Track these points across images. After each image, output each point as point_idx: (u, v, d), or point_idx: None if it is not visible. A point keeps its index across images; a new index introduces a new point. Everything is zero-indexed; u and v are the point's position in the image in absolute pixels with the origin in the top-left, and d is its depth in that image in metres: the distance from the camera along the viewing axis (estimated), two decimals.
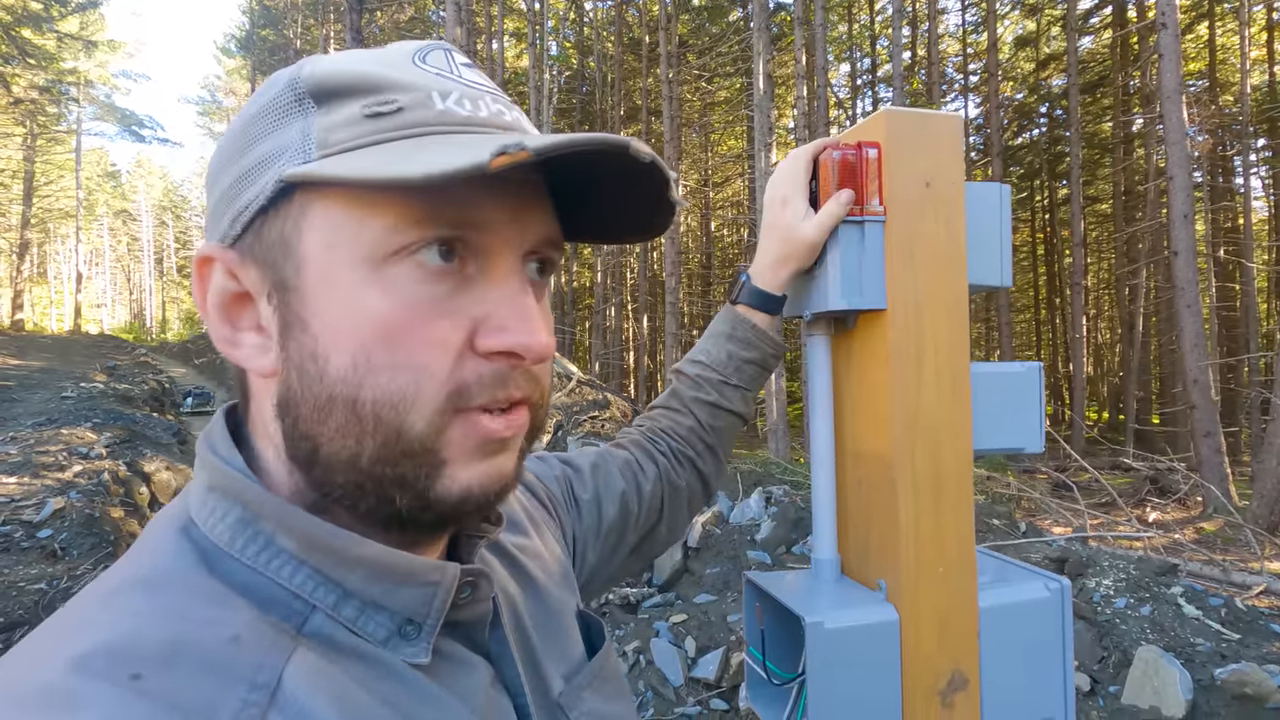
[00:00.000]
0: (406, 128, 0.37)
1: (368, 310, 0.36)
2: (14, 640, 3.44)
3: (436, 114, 0.38)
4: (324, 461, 0.38)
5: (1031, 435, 0.79)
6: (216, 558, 0.37)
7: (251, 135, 0.39)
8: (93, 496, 5.69)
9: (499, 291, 0.39)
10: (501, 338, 0.38)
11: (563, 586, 0.59)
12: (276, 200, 0.37)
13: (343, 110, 0.37)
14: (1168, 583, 3.26)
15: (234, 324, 0.40)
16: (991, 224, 0.77)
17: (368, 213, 0.36)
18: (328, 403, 0.37)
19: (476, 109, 0.39)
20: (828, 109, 13.92)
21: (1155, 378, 19.13)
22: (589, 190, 0.44)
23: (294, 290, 0.37)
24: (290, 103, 0.38)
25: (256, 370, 0.40)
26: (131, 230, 53.91)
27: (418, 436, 0.37)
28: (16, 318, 27.47)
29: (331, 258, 0.37)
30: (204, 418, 13.62)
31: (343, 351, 0.36)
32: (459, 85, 0.40)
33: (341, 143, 0.36)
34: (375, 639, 0.39)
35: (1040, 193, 24.50)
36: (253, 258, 0.39)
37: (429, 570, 0.40)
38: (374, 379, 0.36)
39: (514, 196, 0.39)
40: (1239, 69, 15.89)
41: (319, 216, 0.37)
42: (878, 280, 0.71)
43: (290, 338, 0.38)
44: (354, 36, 11.29)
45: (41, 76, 23.89)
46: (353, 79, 0.38)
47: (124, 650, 0.31)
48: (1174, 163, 9.16)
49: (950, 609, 0.71)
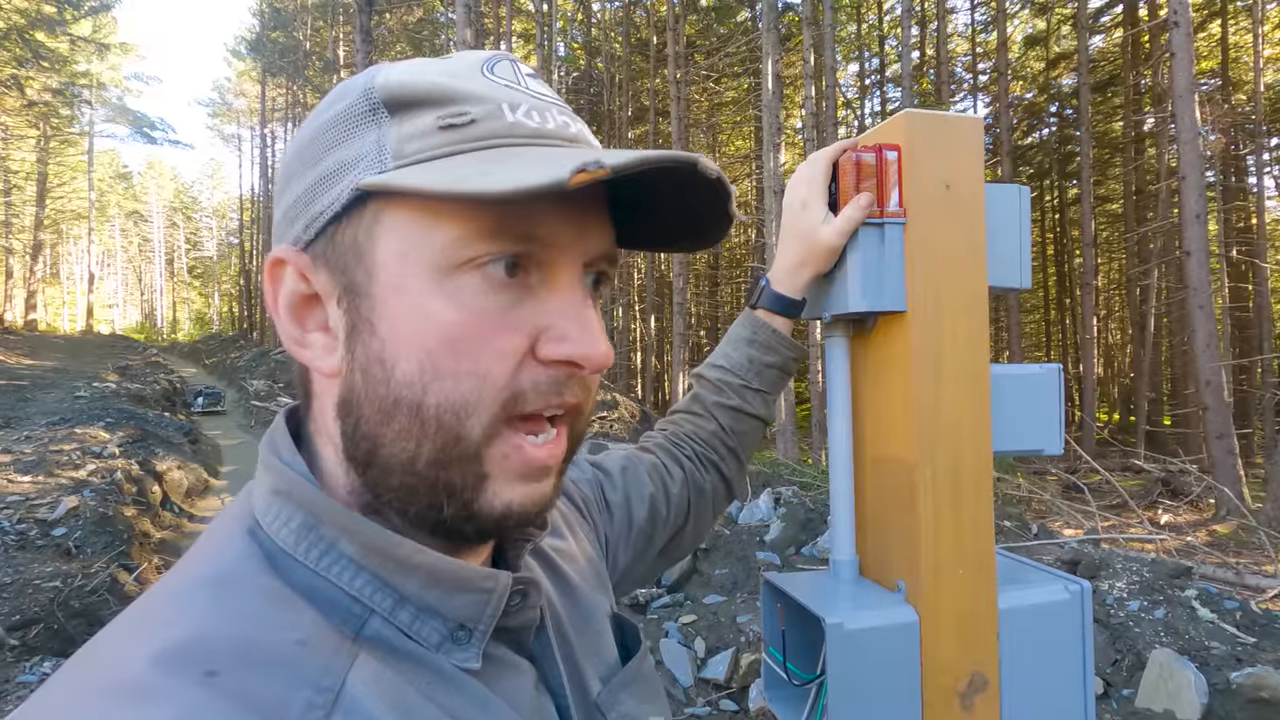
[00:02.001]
0: (479, 139, 0.38)
1: (435, 318, 0.37)
2: (29, 638, 3.48)
3: (507, 126, 0.39)
4: (382, 463, 0.39)
5: (1051, 437, 0.78)
6: (281, 560, 0.38)
7: (325, 143, 0.40)
8: (106, 495, 5.74)
9: (561, 302, 0.40)
10: (563, 347, 0.39)
11: (597, 589, 0.60)
12: (351, 207, 0.39)
13: (417, 121, 0.38)
14: (1181, 585, 3.24)
15: (303, 324, 0.41)
16: (1011, 225, 0.77)
17: (439, 223, 0.37)
18: (393, 406, 0.38)
19: (544, 121, 0.40)
20: (836, 109, 13.89)
21: (1166, 379, 18.98)
22: (647, 200, 0.45)
23: (364, 295, 0.39)
24: (365, 112, 0.39)
25: (321, 370, 0.41)
26: (143, 231, 54.34)
27: (473, 441, 0.38)
28: (30, 318, 27.75)
29: (402, 266, 0.38)
30: (214, 417, 13.71)
31: (410, 356, 0.37)
32: (527, 97, 0.41)
33: (416, 154, 0.37)
34: (429, 643, 0.40)
35: (1050, 193, 24.35)
36: (325, 261, 0.40)
37: (483, 578, 0.41)
38: (439, 384, 0.37)
39: (579, 211, 0.40)
40: (1252, 67, 15.75)
41: (392, 225, 0.38)
42: (897, 282, 0.72)
43: (357, 340, 0.39)
44: (364, 38, 11.35)
45: (55, 79, 24.13)
46: (426, 90, 0.39)
47: (199, 647, 0.32)
48: (1186, 162, 9.09)
49: (970, 610, 0.71)
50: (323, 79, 25.30)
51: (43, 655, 3.32)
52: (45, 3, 21.74)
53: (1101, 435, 14.81)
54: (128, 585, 4.42)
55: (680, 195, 0.43)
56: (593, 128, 16.34)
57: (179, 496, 7.32)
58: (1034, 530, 5.05)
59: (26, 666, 3.16)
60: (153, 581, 4.90)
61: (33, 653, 3.37)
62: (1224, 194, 16.95)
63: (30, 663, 3.20)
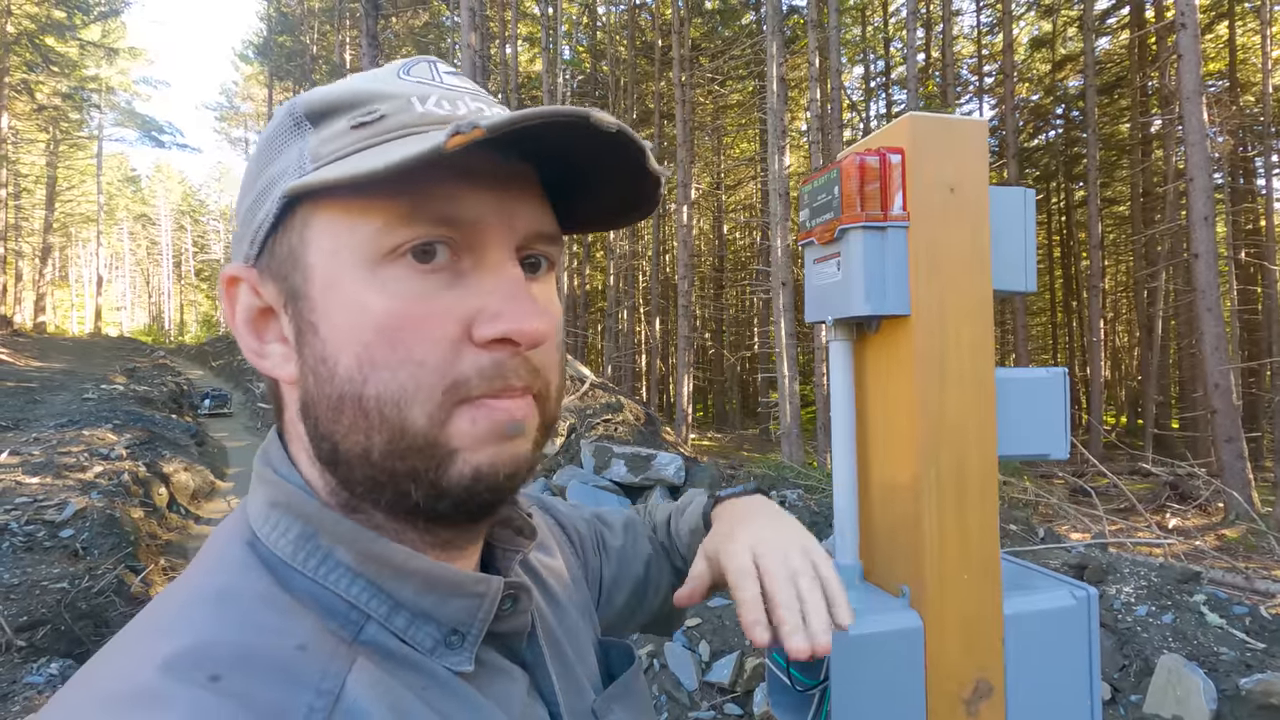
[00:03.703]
0: (389, 132, 0.38)
1: (367, 309, 0.38)
2: (37, 639, 3.50)
3: (417, 116, 0.39)
4: (343, 459, 0.39)
5: (1056, 441, 0.78)
6: (281, 570, 0.39)
7: (261, 163, 0.42)
8: (113, 497, 5.77)
9: (492, 282, 0.39)
10: (495, 325, 0.38)
11: (583, 613, 0.61)
12: (283, 216, 0.40)
13: (333, 125, 0.40)
14: (1190, 590, 3.21)
15: (261, 337, 0.43)
16: (1016, 229, 0.77)
17: (361, 216, 0.38)
18: (338, 402, 0.38)
19: (455, 108, 0.41)
20: (841, 112, 13.88)
21: (1174, 382, 18.87)
22: (579, 179, 0.45)
23: (304, 298, 0.40)
24: (290, 127, 0.41)
25: (283, 378, 0.42)
26: (151, 234, 54.65)
27: (420, 431, 0.38)
28: (39, 320, 27.93)
29: (332, 263, 0.39)
30: (221, 419, 13.76)
31: (348, 351, 0.38)
32: (437, 89, 0.41)
33: (330, 154, 0.39)
34: (423, 648, 0.41)
35: (1057, 195, 24.25)
36: (270, 273, 0.41)
37: (475, 583, 0.42)
38: (376, 376, 0.38)
39: (499, 188, 0.40)
40: (1260, 69, 15.65)
41: (319, 225, 0.39)
42: (901, 286, 0.71)
43: (305, 344, 0.40)
44: (370, 42, 11.40)
45: (64, 83, 24.32)
46: (340, 97, 0.40)
47: (203, 654, 0.33)
48: (1194, 164, 9.04)
49: (975, 616, 0.70)
50: (329, 83, 25.44)
51: (50, 656, 3.33)
52: (55, 8, 21.92)
53: (1109, 438, 14.73)
54: (134, 587, 4.44)
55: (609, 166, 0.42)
56: None
57: (185, 498, 7.36)
58: (1040, 534, 5.02)
59: (34, 667, 3.18)
60: (159, 583, 4.92)
61: (40, 654, 3.38)
62: (1232, 196, 16.85)
63: (37, 664, 3.22)
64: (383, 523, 0.41)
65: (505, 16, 19.75)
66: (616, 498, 5.85)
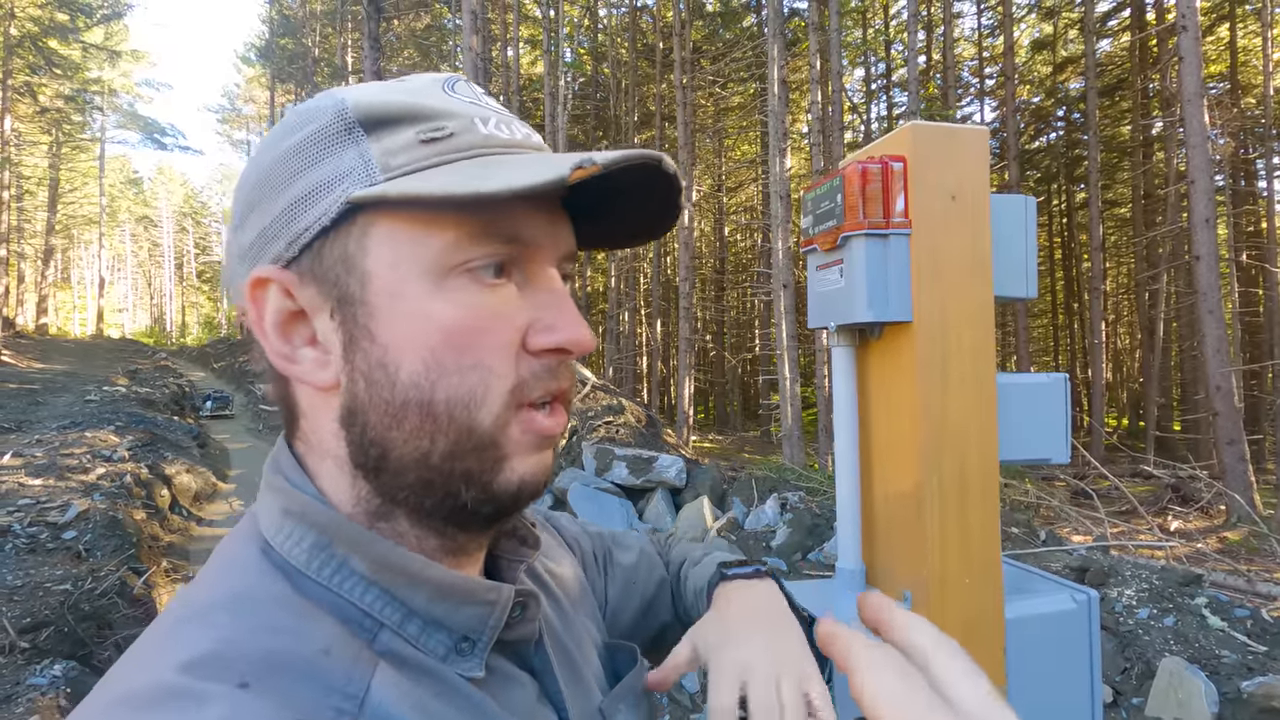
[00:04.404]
0: (459, 151, 0.40)
1: (436, 318, 0.39)
2: (40, 641, 3.50)
3: (482, 138, 0.41)
4: (394, 465, 0.40)
5: (1057, 445, 0.79)
6: (296, 578, 0.40)
7: (297, 165, 0.40)
8: (116, 499, 5.78)
9: (545, 296, 0.43)
10: (552, 336, 0.42)
11: (589, 618, 0.62)
12: (339, 221, 0.40)
13: (397, 137, 0.40)
14: (1191, 593, 3.21)
15: (291, 341, 0.42)
16: (1017, 236, 0.78)
17: (430, 230, 0.39)
18: (401, 408, 0.39)
19: (513, 132, 0.43)
20: (842, 114, 13.89)
21: (1176, 384, 18.84)
22: (607, 202, 0.48)
23: (360, 303, 0.40)
24: (340, 131, 0.40)
25: (316, 384, 0.41)
26: (153, 236, 54.71)
27: (486, 431, 0.40)
28: (41, 322, 27.97)
29: (396, 273, 0.39)
30: (223, 421, 13.76)
31: (414, 357, 0.39)
32: (493, 112, 0.44)
33: (403, 166, 0.39)
34: (435, 654, 0.41)
35: (1058, 197, 24.24)
36: (313, 276, 0.41)
37: (487, 590, 0.43)
38: (446, 380, 0.39)
39: (550, 212, 0.43)
40: (1261, 71, 15.65)
41: (383, 235, 0.39)
42: (903, 292, 0.72)
43: (357, 350, 0.40)
44: (371, 44, 11.43)
45: (67, 86, 24.37)
46: (399, 108, 0.41)
47: (229, 657, 0.33)
48: (1195, 166, 9.04)
49: (977, 620, 0.71)
50: (331, 85, 25.52)
51: (53, 658, 3.33)
52: (58, 11, 21.98)
53: (1110, 441, 14.72)
54: (137, 589, 4.45)
55: (643, 193, 0.46)
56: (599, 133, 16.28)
57: (187, 500, 7.36)
58: (1042, 537, 5.02)
59: (37, 669, 3.18)
60: (162, 585, 4.92)
61: (43, 655, 3.39)
62: (1233, 198, 16.84)
63: (41, 665, 3.22)
64: (406, 530, 0.42)
65: (507, 19, 19.78)
66: (618, 499, 5.85)
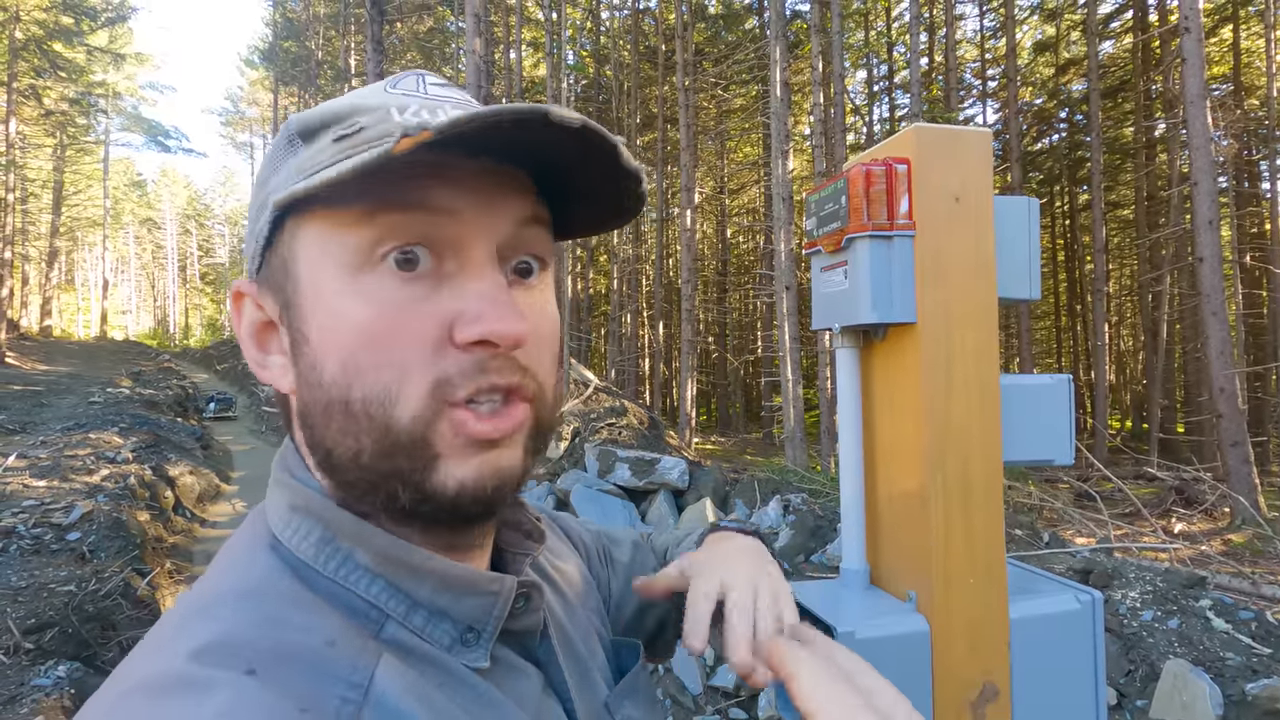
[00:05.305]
0: (365, 143, 0.39)
1: (349, 316, 0.39)
2: (45, 641, 3.51)
3: (395, 126, 0.40)
4: (337, 464, 0.41)
5: (1061, 447, 0.79)
6: (303, 572, 0.40)
7: (261, 180, 0.45)
8: (119, 500, 5.79)
9: (474, 286, 0.40)
10: (474, 327, 0.39)
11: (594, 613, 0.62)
12: (275, 230, 0.42)
13: (319, 142, 0.41)
14: (1196, 595, 3.20)
15: (265, 349, 0.44)
16: (1020, 237, 0.78)
17: (339, 226, 0.39)
18: (327, 407, 0.40)
19: (434, 116, 0.41)
20: (844, 116, 13.88)
21: (1180, 386, 18.79)
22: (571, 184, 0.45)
23: (295, 307, 0.41)
24: (285, 145, 0.43)
25: (281, 388, 0.44)
26: (156, 238, 54.87)
27: (405, 429, 0.39)
28: (45, 324, 28.08)
29: (318, 272, 0.40)
30: (226, 423, 13.80)
31: (333, 357, 0.39)
32: (418, 99, 0.42)
33: (314, 167, 0.40)
34: (440, 645, 0.42)
35: (1060, 198, 24.21)
36: (268, 286, 0.43)
37: (489, 581, 0.44)
38: (361, 379, 0.39)
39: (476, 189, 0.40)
40: (1265, 72, 15.63)
41: (305, 237, 0.41)
42: (907, 294, 0.72)
43: (298, 353, 0.41)
44: (375, 47, 11.45)
45: (71, 89, 24.46)
46: (328, 113, 0.42)
47: (236, 646, 0.34)
48: (1198, 168, 9.03)
49: (981, 620, 0.71)
50: (334, 88, 25.54)
51: (57, 659, 3.35)
52: (63, 14, 22.08)
53: (1114, 443, 14.68)
54: (141, 590, 4.46)
55: (592, 169, 0.42)
56: None
57: (191, 501, 7.38)
58: (1045, 539, 5.01)
59: (41, 670, 3.19)
60: (166, 586, 4.93)
61: (48, 656, 3.40)
62: (1237, 199, 16.80)
63: (45, 666, 3.23)
64: (388, 525, 0.42)
65: (509, 22, 19.83)
66: (621, 501, 5.85)
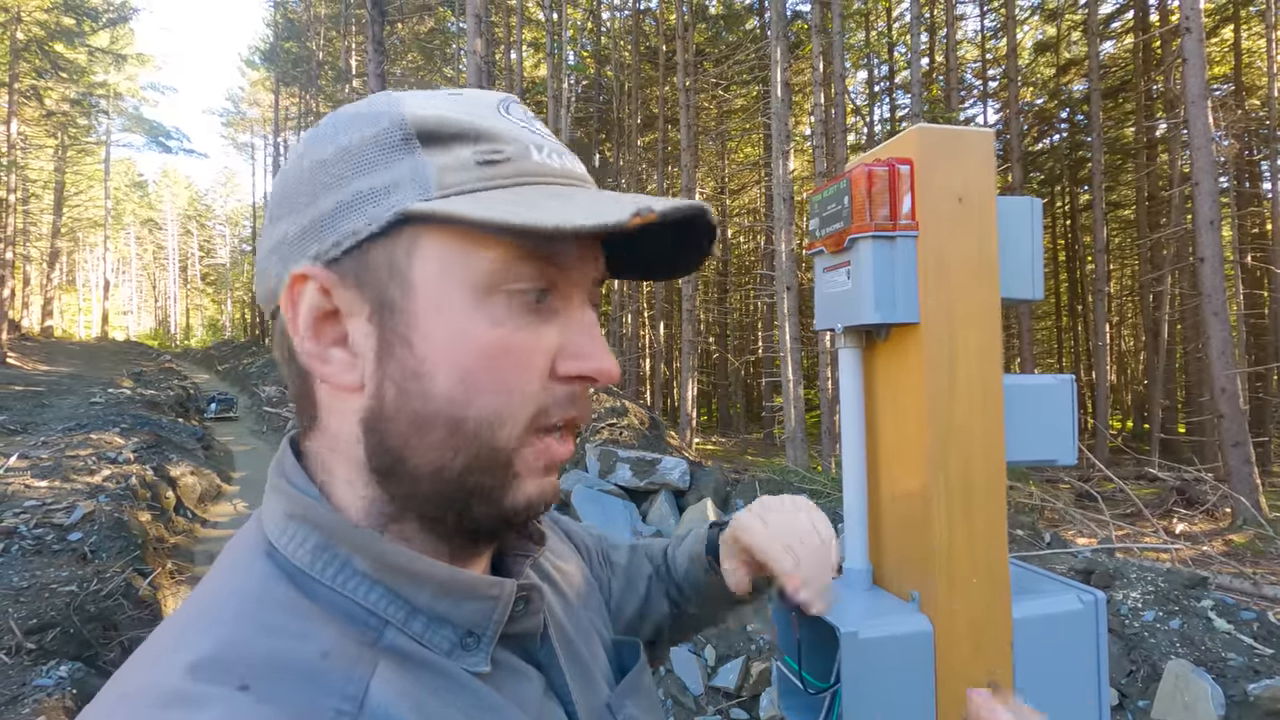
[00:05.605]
0: (512, 177, 0.41)
1: (474, 336, 0.40)
2: (46, 642, 3.52)
3: (535, 165, 0.42)
4: (409, 473, 0.41)
5: (1064, 447, 0.79)
6: (300, 579, 0.40)
7: (351, 166, 0.41)
8: (121, 500, 5.80)
9: (577, 324, 0.44)
10: (581, 363, 0.43)
11: (595, 613, 0.63)
12: (387, 229, 0.40)
13: (453, 154, 0.41)
14: (1197, 595, 3.20)
15: (321, 340, 0.42)
16: (1023, 238, 0.78)
17: (478, 250, 0.40)
18: (429, 419, 0.40)
19: (563, 162, 0.44)
20: (845, 116, 13.88)
21: (1181, 386, 18.77)
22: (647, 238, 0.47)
23: (400, 311, 0.40)
24: (398, 141, 0.40)
25: (340, 385, 0.42)
26: (157, 239, 54.93)
27: (504, 451, 0.41)
28: (46, 324, 28.11)
29: (439, 285, 0.40)
30: (227, 423, 13.81)
31: (448, 372, 0.40)
32: (546, 140, 0.45)
33: (458, 185, 0.40)
34: (441, 650, 0.42)
35: (1061, 199, 24.20)
36: (354, 279, 0.41)
37: (489, 585, 0.44)
38: (479, 398, 0.40)
39: (588, 244, 0.45)
40: (1266, 72, 15.63)
41: (432, 248, 0.40)
42: (910, 294, 0.72)
43: (391, 357, 0.40)
44: (376, 48, 11.47)
45: (73, 89, 24.48)
46: (457, 126, 0.41)
47: (231, 659, 0.34)
48: (1199, 168, 9.02)
49: (984, 620, 0.71)
50: (335, 88, 25.58)
51: (59, 659, 3.35)
52: (64, 15, 22.10)
53: (1115, 443, 14.68)
54: (142, 590, 4.46)
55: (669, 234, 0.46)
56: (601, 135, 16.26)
57: (192, 502, 7.39)
58: (1047, 539, 5.01)
59: (43, 670, 3.19)
60: (167, 586, 4.93)
61: (49, 656, 3.40)
62: (1238, 200, 16.79)
63: (46, 666, 3.23)
64: (414, 534, 0.43)
65: (510, 22, 19.83)
66: (622, 501, 5.86)
